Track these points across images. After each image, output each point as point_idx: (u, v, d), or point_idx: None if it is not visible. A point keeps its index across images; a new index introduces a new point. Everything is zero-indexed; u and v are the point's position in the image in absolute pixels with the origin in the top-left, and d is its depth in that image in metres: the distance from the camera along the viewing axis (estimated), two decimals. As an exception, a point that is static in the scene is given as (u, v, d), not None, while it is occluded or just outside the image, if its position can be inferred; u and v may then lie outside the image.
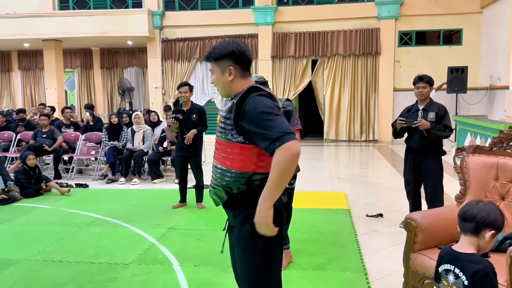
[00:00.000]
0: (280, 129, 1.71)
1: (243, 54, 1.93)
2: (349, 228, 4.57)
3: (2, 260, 3.80)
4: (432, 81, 4.42)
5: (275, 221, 1.78)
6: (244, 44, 1.97)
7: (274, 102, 1.84)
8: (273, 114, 1.75)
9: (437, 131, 4.19)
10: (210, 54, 1.96)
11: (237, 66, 1.93)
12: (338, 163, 9.51)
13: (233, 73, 1.92)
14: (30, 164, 6.32)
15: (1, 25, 13.03)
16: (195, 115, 5.41)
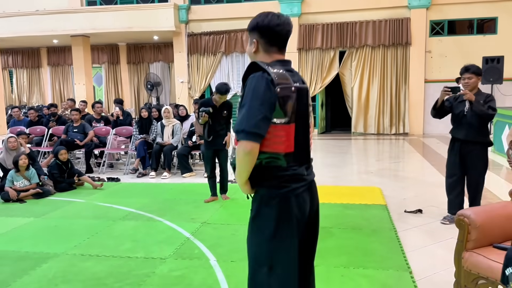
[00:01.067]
0: (242, 123, 1.74)
1: (268, 27, 1.86)
2: (388, 224, 4.41)
3: (41, 254, 3.82)
4: (480, 71, 4.24)
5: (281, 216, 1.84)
6: (275, 17, 1.87)
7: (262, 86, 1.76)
8: (248, 103, 1.75)
9: (481, 106, 4.09)
10: (248, 26, 1.96)
11: (261, 40, 1.89)
12: (368, 157, 9.29)
13: (256, 46, 1.90)
14: (62, 159, 6.39)
15: (31, 22, 13.25)
16: (226, 111, 5.37)
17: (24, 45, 16.08)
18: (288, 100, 1.80)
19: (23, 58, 16.83)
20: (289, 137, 1.83)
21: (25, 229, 4.60)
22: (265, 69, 1.80)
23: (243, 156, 1.76)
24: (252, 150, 1.75)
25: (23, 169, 5.89)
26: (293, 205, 1.86)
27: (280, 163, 1.83)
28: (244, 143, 1.74)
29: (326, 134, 13.47)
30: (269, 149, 1.80)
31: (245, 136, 1.74)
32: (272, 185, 1.85)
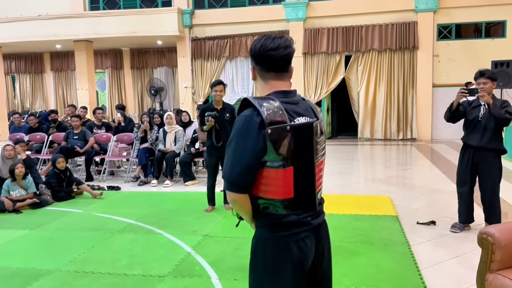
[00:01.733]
0: (225, 171, 1.62)
1: (258, 52, 1.66)
2: (401, 238, 4.17)
3: (33, 270, 3.62)
4: (495, 76, 4.03)
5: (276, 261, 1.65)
6: (269, 41, 1.64)
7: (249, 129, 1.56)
8: (231, 149, 1.60)
9: (499, 109, 3.91)
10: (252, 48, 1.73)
11: (257, 67, 1.71)
12: (376, 164, 9.04)
13: (253, 73, 1.75)
14: (60, 167, 6.19)
15: (34, 27, 13.14)
16: (229, 114, 5.19)
17: (27, 50, 15.99)
18: (282, 141, 1.57)
19: (26, 63, 16.74)
20: (286, 182, 1.61)
21: (18, 242, 4.40)
22: (257, 107, 1.57)
23: (233, 205, 1.67)
24: (237, 201, 1.63)
25: (19, 178, 5.70)
26: (291, 251, 1.64)
27: (278, 210, 1.63)
28: (230, 194, 1.63)
29: (332, 139, 13.23)
30: (265, 195, 1.63)
31: (227, 186, 1.62)
32: (268, 228, 1.67)
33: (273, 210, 1.63)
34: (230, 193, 1.63)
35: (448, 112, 4.26)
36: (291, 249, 1.64)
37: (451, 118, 4.28)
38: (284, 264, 1.65)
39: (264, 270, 1.68)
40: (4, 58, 15.22)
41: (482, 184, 4.20)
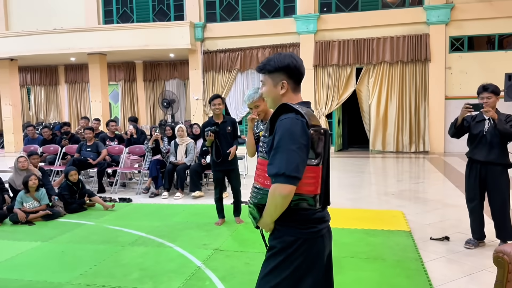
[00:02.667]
0: (282, 166, 1.71)
1: (298, 69, 1.90)
2: (414, 254, 4.10)
3: (44, 283, 3.63)
4: (498, 90, 4.01)
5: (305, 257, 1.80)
6: (300, 59, 1.93)
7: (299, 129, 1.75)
8: (286, 146, 1.73)
9: (504, 124, 3.88)
10: (265, 66, 1.93)
11: (290, 81, 1.90)
12: (388, 177, 8.95)
13: (286, 87, 1.90)
14: (72, 180, 6.25)
15: (49, 40, 13.40)
16: (230, 127, 5.24)
17: (42, 63, 16.29)
18: (319, 142, 1.80)
19: (41, 76, 17.05)
20: (318, 179, 1.82)
21: (30, 254, 4.43)
22: (299, 111, 1.78)
23: (280, 200, 1.74)
24: (290, 194, 1.73)
25: (32, 190, 5.77)
26: (318, 246, 1.85)
27: (308, 204, 1.81)
28: (283, 186, 1.71)
29: (343, 151, 13.17)
30: (299, 190, 1.77)
31: (285, 180, 1.71)
32: (298, 226, 1.82)
33: (305, 204, 1.79)
34: (286, 187, 1.70)
35: (453, 128, 4.23)
36: (317, 245, 1.84)
37: (455, 133, 4.26)
38: (312, 260, 1.82)
39: (289, 268, 1.80)
40: (19, 71, 15.53)
41: (492, 199, 4.16)
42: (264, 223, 1.85)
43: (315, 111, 12.60)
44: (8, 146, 14.70)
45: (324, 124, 12.51)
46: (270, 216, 1.81)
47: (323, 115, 12.55)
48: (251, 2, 13.07)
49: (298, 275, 1.83)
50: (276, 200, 1.74)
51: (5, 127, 14.89)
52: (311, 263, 1.83)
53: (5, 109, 14.77)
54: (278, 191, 1.72)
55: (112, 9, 14.34)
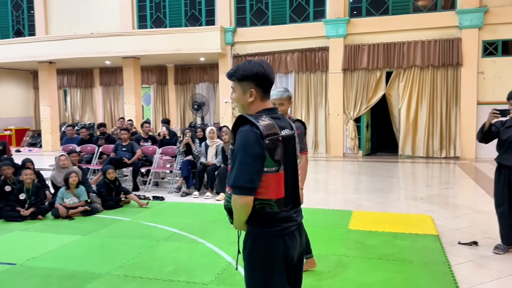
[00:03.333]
0: (236, 178, 1.84)
1: (266, 77, 1.97)
2: (441, 257, 4.15)
3: (86, 273, 3.89)
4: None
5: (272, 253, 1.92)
6: (269, 67, 2.00)
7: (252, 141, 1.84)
8: (240, 159, 1.84)
9: None
10: (234, 74, 2.00)
11: (258, 89, 1.97)
12: (417, 182, 8.90)
13: (254, 95, 1.98)
14: (110, 178, 6.57)
15: (86, 44, 13.95)
16: None
17: (79, 66, 16.94)
18: (276, 149, 1.89)
19: (77, 78, 17.71)
20: (279, 184, 1.92)
21: (72, 247, 4.72)
22: (254, 122, 1.87)
23: (240, 209, 1.88)
24: (248, 204, 1.86)
25: (73, 186, 6.10)
26: (285, 243, 1.95)
27: (273, 208, 1.92)
28: (241, 198, 1.85)
29: (372, 156, 13.12)
30: (261, 196, 1.89)
31: (241, 191, 1.84)
32: (264, 225, 1.93)
33: (269, 208, 1.92)
34: (243, 197, 1.84)
35: (480, 133, 4.26)
36: (285, 242, 1.94)
37: (483, 138, 4.28)
38: (279, 255, 1.93)
39: (263, 262, 1.93)
40: (57, 73, 16.21)
41: None
42: (236, 226, 1.98)
43: (343, 114, 12.63)
44: (46, 145, 15.37)
45: (352, 128, 12.54)
46: (237, 222, 1.95)
47: (351, 119, 12.56)
48: (281, 6, 13.23)
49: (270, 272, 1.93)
50: (236, 209, 1.89)
51: (43, 127, 15.58)
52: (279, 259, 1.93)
53: (43, 110, 15.46)
54: (237, 202, 1.86)
55: (146, 14, 14.79)
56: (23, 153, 13.99)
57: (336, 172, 10.37)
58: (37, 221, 5.77)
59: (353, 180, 9.31)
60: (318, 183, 8.71)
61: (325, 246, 4.55)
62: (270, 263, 1.93)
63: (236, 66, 2.02)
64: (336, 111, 12.68)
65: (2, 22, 16.36)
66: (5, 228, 5.45)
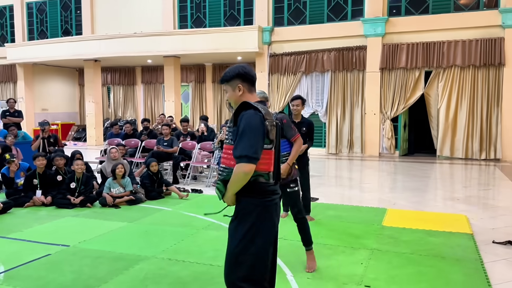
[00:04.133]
0: (245, 149, 2.21)
1: (248, 73, 2.45)
2: (474, 255, 4.19)
3: (133, 256, 4.21)
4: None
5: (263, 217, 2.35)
6: (248, 66, 2.48)
7: (258, 121, 2.25)
8: (248, 134, 2.22)
9: None
10: (223, 77, 2.48)
11: (245, 83, 2.44)
12: (455, 183, 8.81)
13: (242, 89, 2.43)
14: (153, 170, 6.94)
15: (129, 43, 14.56)
16: (305, 128, 5.41)
17: (122, 64, 17.66)
18: (271, 131, 2.33)
19: (120, 76, 18.46)
20: (271, 160, 2.39)
21: (119, 232, 5.08)
22: (257, 107, 2.30)
23: (243, 176, 2.24)
24: (251, 171, 2.24)
25: (119, 177, 6.50)
26: (273, 211, 2.40)
27: (264, 179, 2.35)
28: (246, 165, 2.21)
29: (409, 156, 12.99)
30: (257, 169, 2.28)
31: (248, 160, 2.21)
32: (257, 196, 2.34)
33: (262, 179, 2.33)
34: (248, 165, 2.21)
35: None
36: (273, 211, 2.40)
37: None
38: (269, 222, 2.38)
39: (252, 229, 2.32)
40: (102, 71, 16.99)
41: None
42: (227, 196, 2.34)
43: (380, 114, 12.59)
44: (90, 140, 16.16)
45: (389, 128, 12.46)
46: (232, 189, 2.29)
47: (388, 119, 12.49)
48: (319, 6, 13.31)
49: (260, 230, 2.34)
50: (239, 176, 2.23)
51: (87, 122, 16.38)
52: (268, 222, 2.37)
53: (88, 106, 16.26)
54: (241, 169, 2.21)
55: (187, 15, 15.23)
56: (69, 147, 14.74)
57: (371, 171, 10.38)
58: (86, 208, 6.20)
59: (389, 179, 9.32)
60: (352, 181, 8.79)
61: (358, 240, 4.69)
62: (261, 227, 2.34)
63: (223, 73, 2.47)
64: (372, 111, 12.64)
65: (51, 22, 17.28)
66: (57, 214, 5.90)
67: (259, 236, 2.33)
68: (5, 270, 3.83)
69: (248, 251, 2.33)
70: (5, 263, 4.00)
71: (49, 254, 4.24)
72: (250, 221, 2.32)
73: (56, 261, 4.07)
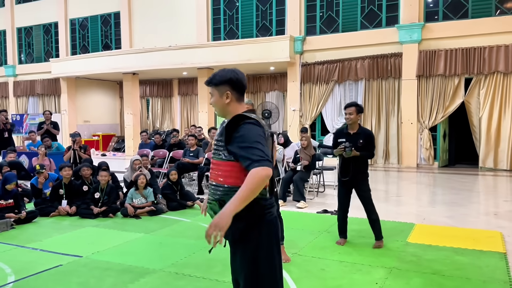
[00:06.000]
0: (261, 154, 2.03)
1: (239, 81, 2.24)
2: (503, 276, 3.82)
3: (142, 269, 4.16)
4: None
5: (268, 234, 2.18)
6: (241, 73, 2.27)
7: (262, 129, 2.15)
8: (259, 143, 2.06)
9: None
10: (212, 80, 2.26)
11: (234, 92, 2.24)
12: (495, 196, 8.22)
13: (230, 97, 2.23)
14: (172, 179, 6.96)
15: (165, 56, 14.88)
16: (362, 140, 4.69)
17: (159, 77, 18.08)
18: (267, 142, 2.21)
19: (158, 88, 18.90)
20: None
21: (134, 243, 5.07)
22: (254, 118, 2.16)
23: (263, 181, 2.02)
24: (270, 175, 2.04)
25: (141, 188, 6.55)
26: (276, 226, 2.23)
27: (261, 194, 2.12)
28: (267, 170, 2.01)
29: (449, 167, 12.34)
30: None
31: (268, 163, 2.03)
32: (258, 212, 2.15)
33: (261, 195, 2.12)
34: (268, 169, 2.01)
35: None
36: (276, 224, 2.22)
37: None
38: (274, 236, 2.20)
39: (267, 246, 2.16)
40: (140, 84, 17.46)
41: None
42: (230, 213, 1.97)
43: (417, 123, 12.07)
44: (128, 150, 16.58)
45: (427, 138, 11.91)
46: (246, 200, 2.00)
47: (426, 128, 11.94)
48: (352, 13, 13.03)
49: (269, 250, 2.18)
50: (259, 181, 1.99)
51: (126, 134, 16.84)
52: (274, 239, 2.20)
53: (127, 117, 16.73)
54: (263, 172, 1.99)
55: (220, 27, 15.39)
56: (108, 157, 15.21)
57: (407, 183, 9.91)
58: (108, 218, 6.27)
59: (423, 192, 8.84)
60: (384, 193, 8.41)
61: (377, 258, 4.41)
62: (272, 245, 2.18)
63: (213, 74, 2.28)
64: (409, 120, 12.14)
65: (93, 37, 18.02)
66: (79, 224, 6.00)
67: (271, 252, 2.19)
68: (15, 280, 3.89)
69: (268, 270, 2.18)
70: (18, 272, 4.07)
71: (60, 265, 4.28)
72: (255, 239, 2.15)
73: (65, 272, 4.09)
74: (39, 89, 18.86)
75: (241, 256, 2.23)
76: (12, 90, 19.76)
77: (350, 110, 4.69)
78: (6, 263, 4.32)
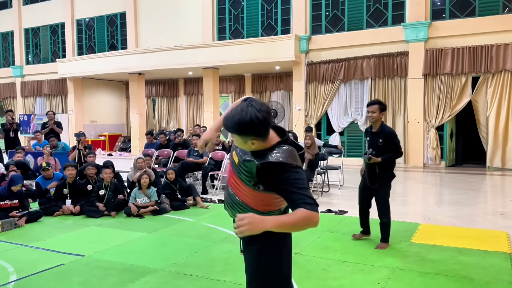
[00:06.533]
0: (311, 197, 1.89)
1: (264, 124, 1.92)
2: (508, 277, 3.76)
3: (143, 268, 4.16)
4: None
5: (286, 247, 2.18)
6: (265, 110, 1.92)
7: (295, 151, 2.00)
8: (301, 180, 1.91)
9: None
10: (229, 126, 1.95)
11: (259, 138, 1.96)
12: (501, 196, 8.11)
13: (256, 143, 1.97)
14: (169, 178, 6.99)
15: (171, 56, 14.91)
16: (381, 139, 4.55)
17: (165, 77, 18.11)
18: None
19: (164, 88, 18.94)
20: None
21: (137, 243, 5.07)
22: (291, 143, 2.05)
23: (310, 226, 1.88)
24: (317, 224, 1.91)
25: (144, 187, 6.55)
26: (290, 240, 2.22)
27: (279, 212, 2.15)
28: (316, 215, 1.87)
29: (456, 167, 12.22)
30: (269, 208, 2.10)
31: (316, 208, 1.89)
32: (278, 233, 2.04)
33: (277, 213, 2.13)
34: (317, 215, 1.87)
35: None
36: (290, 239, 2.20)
37: None
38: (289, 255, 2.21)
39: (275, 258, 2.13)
40: (146, 84, 17.51)
41: None
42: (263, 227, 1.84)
43: (424, 122, 11.96)
44: (134, 150, 16.63)
45: (433, 137, 11.80)
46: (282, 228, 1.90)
47: (433, 127, 11.83)
48: (358, 12, 12.95)
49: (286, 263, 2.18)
50: (306, 225, 1.87)
51: (132, 134, 16.91)
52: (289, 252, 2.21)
53: (133, 117, 16.79)
54: (315, 219, 1.87)
55: (225, 26, 15.39)
56: (114, 157, 15.28)
57: (413, 183, 9.82)
58: (111, 217, 6.28)
59: (429, 192, 8.76)
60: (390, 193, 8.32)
61: (380, 257, 4.37)
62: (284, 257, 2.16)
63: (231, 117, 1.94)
64: (416, 119, 12.04)
65: (99, 38, 18.10)
66: (83, 223, 6.02)
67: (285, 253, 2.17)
68: (17, 279, 3.91)
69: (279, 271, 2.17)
70: (20, 272, 4.09)
71: (62, 264, 4.29)
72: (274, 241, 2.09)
73: (67, 271, 4.10)
74: (46, 89, 19.00)
75: (248, 256, 2.23)
76: (20, 91, 19.93)
77: (372, 108, 4.56)
78: (9, 262, 4.35)
